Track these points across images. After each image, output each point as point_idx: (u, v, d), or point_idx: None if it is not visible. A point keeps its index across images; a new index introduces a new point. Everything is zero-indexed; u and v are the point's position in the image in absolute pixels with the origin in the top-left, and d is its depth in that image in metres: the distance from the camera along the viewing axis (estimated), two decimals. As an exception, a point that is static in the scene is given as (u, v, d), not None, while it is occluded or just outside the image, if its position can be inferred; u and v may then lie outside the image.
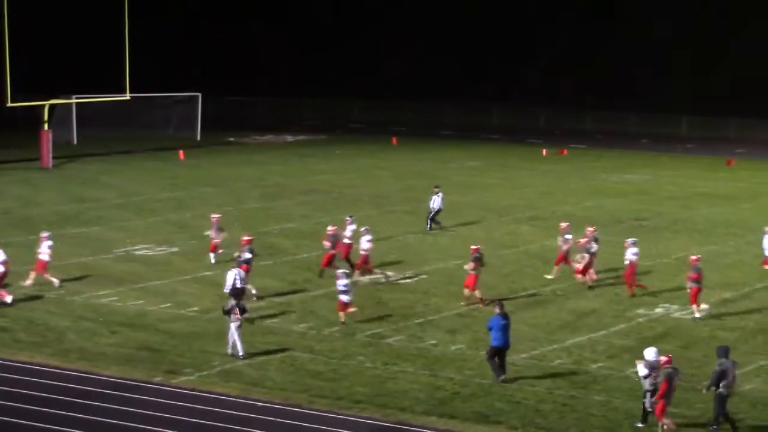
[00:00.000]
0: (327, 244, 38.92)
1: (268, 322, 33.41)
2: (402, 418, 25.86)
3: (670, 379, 24.91)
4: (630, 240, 38.15)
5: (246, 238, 37.62)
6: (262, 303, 35.06)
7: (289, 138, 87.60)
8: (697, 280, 34.68)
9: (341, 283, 33.21)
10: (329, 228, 39.65)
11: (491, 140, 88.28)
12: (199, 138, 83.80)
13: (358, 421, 25.64)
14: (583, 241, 38.59)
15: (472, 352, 30.16)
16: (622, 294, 37.17)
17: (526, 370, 29.37)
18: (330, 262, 38.55)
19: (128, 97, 71.59)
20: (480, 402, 26.99)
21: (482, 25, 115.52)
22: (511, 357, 30.16)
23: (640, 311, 35.27)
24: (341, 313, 33.25)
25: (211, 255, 40.73)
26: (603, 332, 32.89)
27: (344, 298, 33.12)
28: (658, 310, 35.42)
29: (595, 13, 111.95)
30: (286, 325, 33.20)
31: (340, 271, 34.37)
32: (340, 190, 59.73)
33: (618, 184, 64.07)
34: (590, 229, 39.70)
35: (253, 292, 35.41)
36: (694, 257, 35.92)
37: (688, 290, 34.86)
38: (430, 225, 48.26)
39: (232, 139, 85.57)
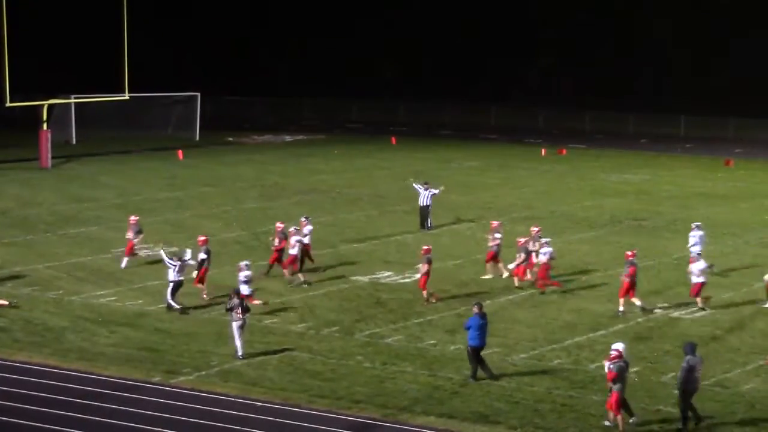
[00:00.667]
0: (276, 241, 38.92)
1: (266, 321, 33.42)
2: (401, 418, 25.87)
3: (620, 372, 25.14)
4: (543, 240, 38.16)
5: (202, 238, 37.10)
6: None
7: (288, 138, 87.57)
8: (631, 276, 34.94)
9: (242, 274, 34.01)
10: (278, 225, 39.59)
11: (490, 140, 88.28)
12: (197, 138, 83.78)
13: (357, 421, 25.64)
14: (522, 240, 38.37)
15: (471, 352, 30.12)
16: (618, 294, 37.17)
17: (525, 370, 29.38)
18: (278, 260, 38.61)
19: (127, 97, 71.57)
20: (479, 402, 27.00)
21: (482, 25, 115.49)
22: (510, 357, 30.22)
23: (639, 311, 35.24)
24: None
25: (125, 259, 40.09)
26: (602, 332, 32.89)
27: (245, 289, 33.70)
28: (657, 310, 35.41)
29: (596, 13, 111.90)
30: (284, 325, 33.22)
31: (243, 263, 34.77)
32: (339, 190, 59.73)
33: (617, 184, 64.06)
34: (534, 229, 39.72)
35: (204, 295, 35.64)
36: (629, 252, 36.08)
37: (622, 283, 35.16)
38: (429, 223, 48.19)
39: (230, 138, 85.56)
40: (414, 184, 49.38)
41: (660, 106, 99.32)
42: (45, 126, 68.53)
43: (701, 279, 35.68)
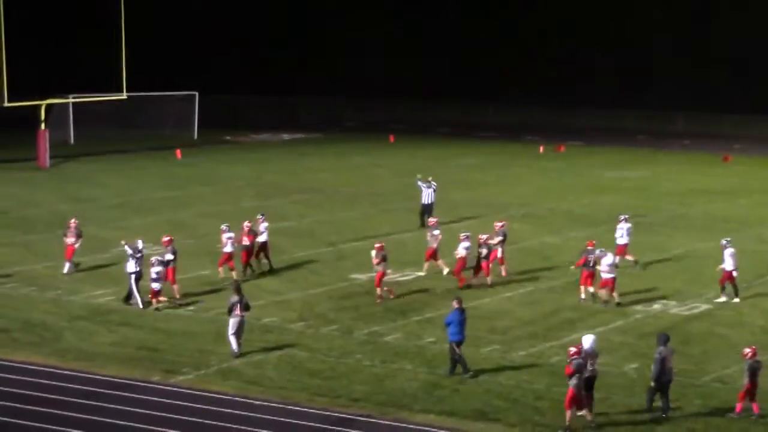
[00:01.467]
0: (245, 239, 38.77)
1: (266, 320, 33.42)
2: (400, 416, 25.86)
3: (578, 368, 25.22)
4: (463, 234, 38.11)
5: (166, 238, 36.82)
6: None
7: (286, 137, 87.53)
8: (587, 264, 35.59)
9: (154, 270, 34.36)
10: (245, 224, 39.29)
11: (488, 138, 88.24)
12: (196, 137, 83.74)
13: (357, 419, 25.63)
14: (484, 237, 37.93)
15: (471, 349, 30.10)
16: (620, 291, 37.12)
17: (524, 368, 29.37)
18: (249, 255, 38.66)
19: (125, 97, 71.50)
20: (478, 399, 27.00)
21: (479, 23, 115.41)
22: (509, 354, 30.23)
23: (638, 308, 35.29)
24: (154, 300, 34.55)
25: (67, 263, 39.42)
26: (601, 329, 32.88)
27: (155, 285, 34.36)
28: (656, 306, 35.44)
29: (594, 12, 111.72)
30: (284, 324, 33.22)
31: (154, 258, 34.89)
32: (337, 188, 59.70)
33: (615, 181, 64.06)
34: (498, 224, 39.64)
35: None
36: (589, 242, 36.74)
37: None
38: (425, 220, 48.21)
39: (228, 137, 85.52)
40: (418, 182, 49.31)
41: (657, 102, 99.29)
42: (43, 126, 68.47)
43: (611, 274, 35.55)
